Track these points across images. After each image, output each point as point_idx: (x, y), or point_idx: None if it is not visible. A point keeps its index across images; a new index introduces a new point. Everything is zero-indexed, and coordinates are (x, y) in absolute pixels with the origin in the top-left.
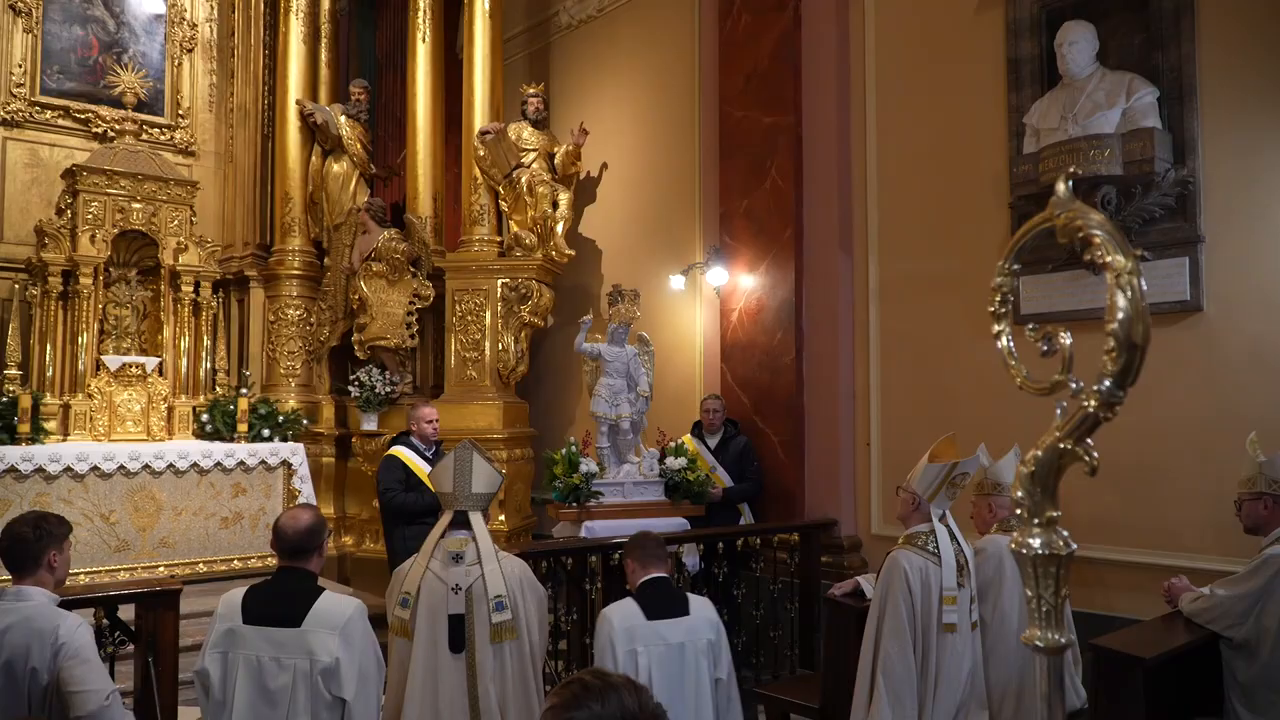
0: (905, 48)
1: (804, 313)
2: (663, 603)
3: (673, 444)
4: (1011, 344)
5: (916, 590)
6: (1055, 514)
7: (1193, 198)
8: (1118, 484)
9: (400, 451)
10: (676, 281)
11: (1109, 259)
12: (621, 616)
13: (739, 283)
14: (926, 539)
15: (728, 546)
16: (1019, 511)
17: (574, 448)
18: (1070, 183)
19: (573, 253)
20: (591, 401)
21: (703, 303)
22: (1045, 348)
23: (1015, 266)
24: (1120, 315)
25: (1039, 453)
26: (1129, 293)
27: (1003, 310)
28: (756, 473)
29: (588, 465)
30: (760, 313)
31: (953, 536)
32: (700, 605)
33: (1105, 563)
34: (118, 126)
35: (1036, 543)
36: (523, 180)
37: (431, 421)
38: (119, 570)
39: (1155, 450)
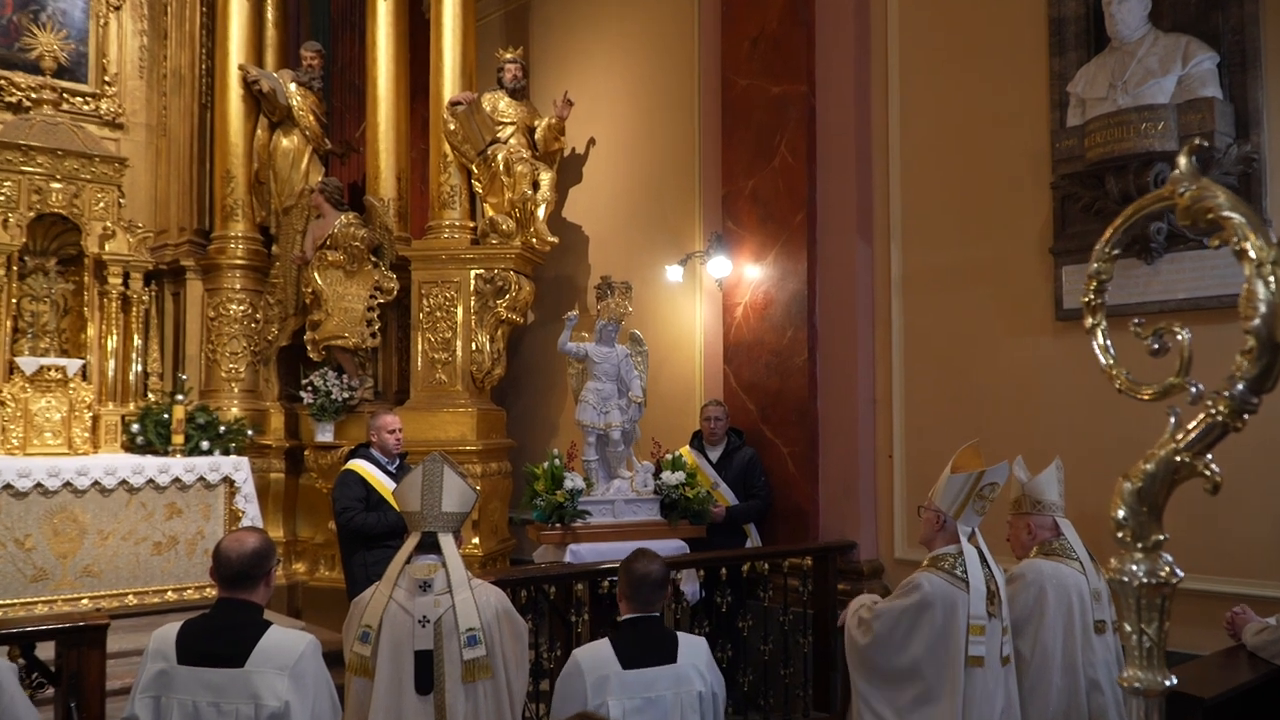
0: (933, 6)
1: (818, 308)
2: (645, 648)
3: (669, 456)
4: (1108, 340)
5: (938, 618)
6: (1162, 537)
7: (1258, 176)
8: (1173, 501)
9: (359, 466)
10: (673, 273)
11: (1246, 246)
12: (592, 663)
13: (744, 274)
14: (954, 561)
15: (732, 572)
16: (1119, 535)
17: (557, 461)
18: (1194, 157)
19: (556, 240)
20: (577, 409)
21: (703, 297)
22: (1156, 346)
23: (1115, 251)
24: (1261, 310)
25: (1149, 466)
26: (1272, 285)
27: (1099, 301)
28: (764, 489)
29: (573, 481)
30: (768, 308)
31: (983, 559)
32: (691, 649)
33: None
34: (34, 95)
35: (1140, 570)
36: (499, 158)
37: (394, 431)
38: (36, 603)
39: (1216, 464)
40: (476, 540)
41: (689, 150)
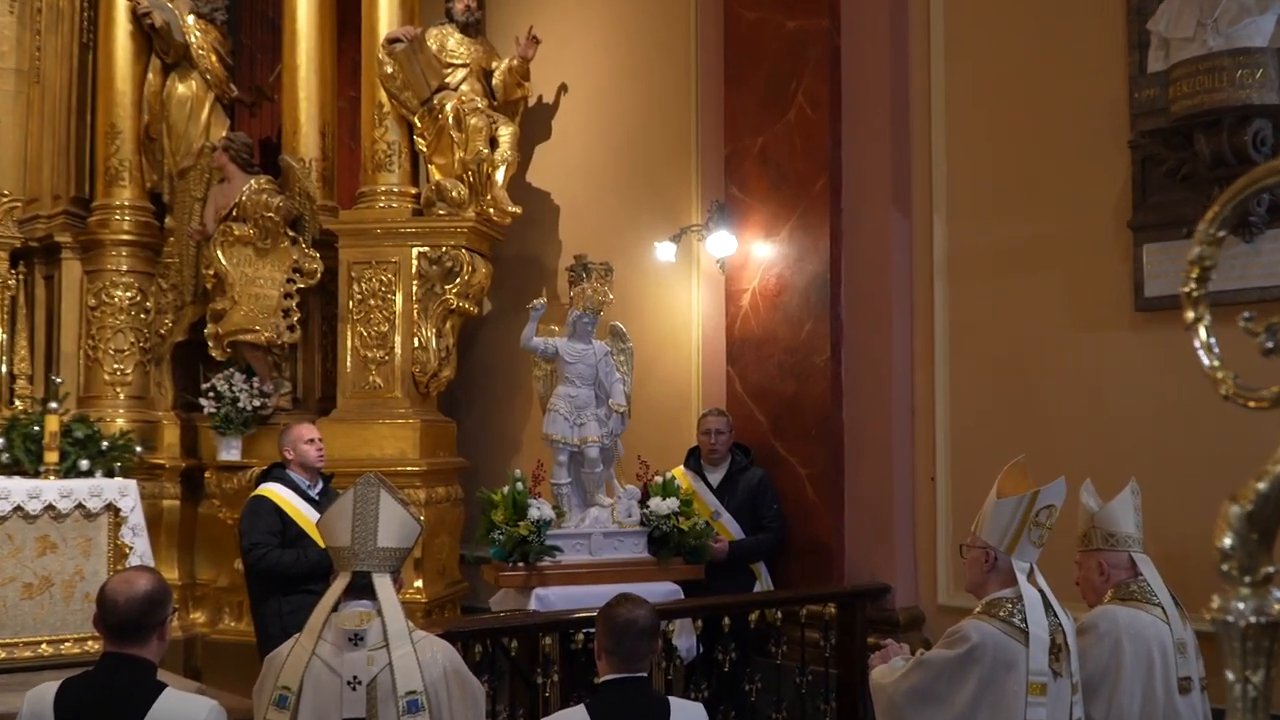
0: None
1: (843, 295)
2: (629, 716)
3: (659, 479)
4: (1212, 338)
5: (991, 673)
6: (1272, 569)
7: None
8: None
9: (273, 491)
10: (665, 251)
11: None
12: None
13: (752, 253)
14: (1012, 608)
15: (737, 622)
16: (1224, 566)
17: (520, 485)
18: None
19: (518, 210)
20: (545, 420)
21: (701, 281)
22: (1270, 344)
23: (1221, 233)
24: None
25: (1262, 485)
26: None
27: (1201, 292)
28: (776, 519)
29: (540, 509)
30: (781, 295)
31: (1047, 605)
32: (686, 718)
33: None
34: None
35: (1246, 608)
36: (447, 108)
37: (313, 440)
38: None
39: None
40: (420, 583)
41: (684, 99)
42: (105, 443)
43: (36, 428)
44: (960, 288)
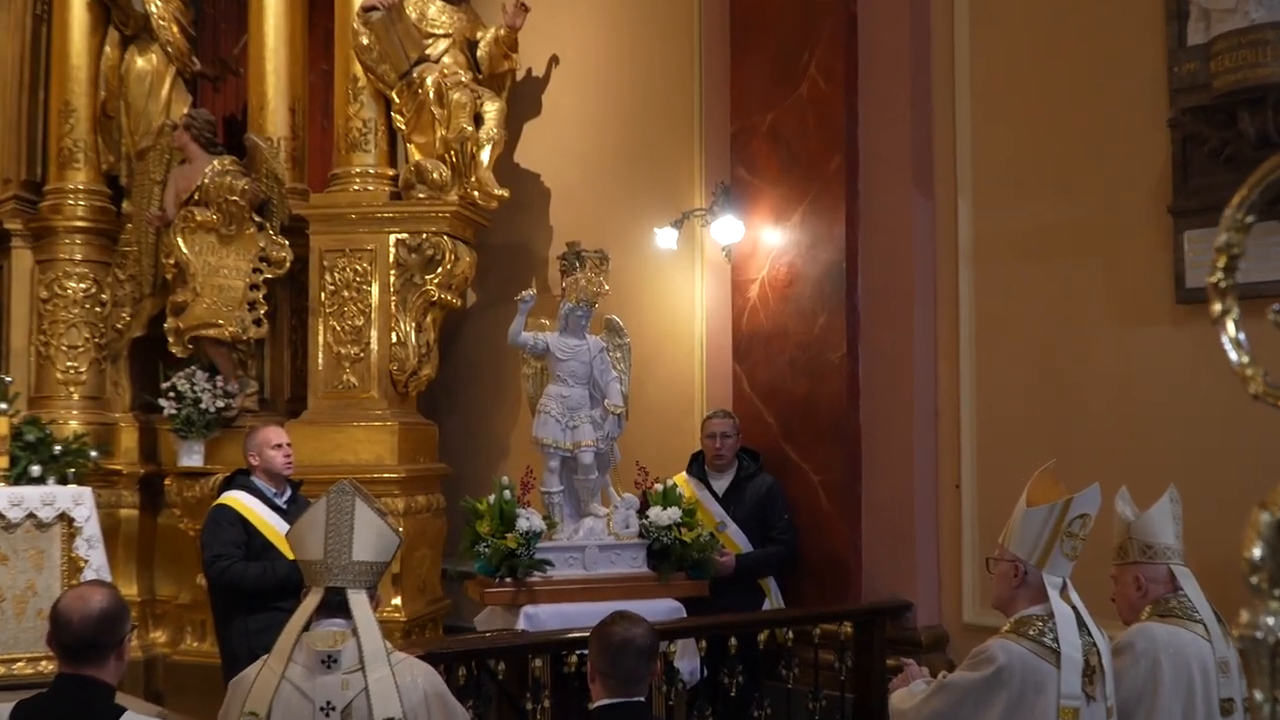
0: None
1: (859, 286)
2: None
3: (660, 487)
4: (1241, 333)
5: (1019, 697)
6: None
7: None
8: None
9: (236, 499)
10: (665, 238)
11: None
12: None
13: (761, 240)
14: (1043, 626)
15: (744, 643)
16: (1252, 579)
17: (508, 493)
18: None
19: (506, 193)
20: (535, 422)
21: (705, 271)
22: None
23: (1249, 219)
24: None
25: None
26: None
27: (1229, 282)
28: (787, 530)
29: (529, 520)
30: (793, 286)
31: (1081, 623)
32: None
33: None
34: None
35: (1276, 623)
36: (428, 82)
37: (280, 445)
38: None
39: None
40: (398, 600)
41: (686, 72)
42: (58, 447)
43: None
44: (987, 277)
